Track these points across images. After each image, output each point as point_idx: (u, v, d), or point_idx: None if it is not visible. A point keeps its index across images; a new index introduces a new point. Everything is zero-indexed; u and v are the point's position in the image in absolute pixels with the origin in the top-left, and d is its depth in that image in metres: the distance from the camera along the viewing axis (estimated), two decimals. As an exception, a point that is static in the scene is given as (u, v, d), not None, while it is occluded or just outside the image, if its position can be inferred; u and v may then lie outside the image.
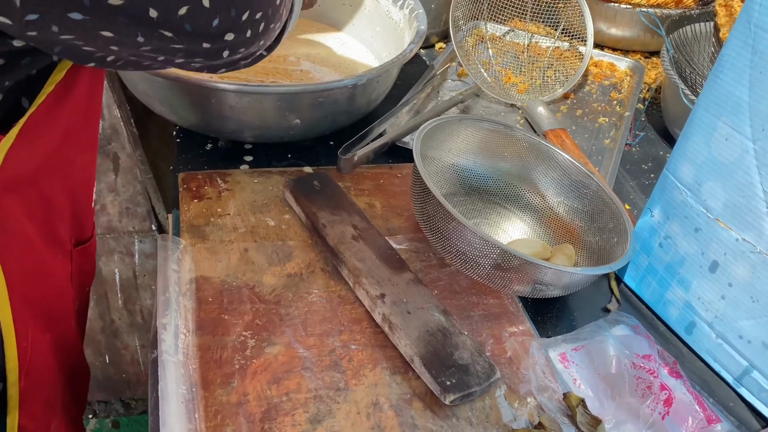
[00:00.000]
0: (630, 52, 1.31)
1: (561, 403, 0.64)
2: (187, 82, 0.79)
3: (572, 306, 0.78)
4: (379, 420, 0.60)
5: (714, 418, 0.64)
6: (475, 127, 0.86)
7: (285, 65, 1.04)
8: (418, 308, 0.68)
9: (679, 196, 0.72)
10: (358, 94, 0.88)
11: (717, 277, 0.69)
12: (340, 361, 0.64)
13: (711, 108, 0.67)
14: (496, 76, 1.16)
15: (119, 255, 1.30)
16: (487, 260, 0.68)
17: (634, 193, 0.95)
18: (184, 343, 0.64)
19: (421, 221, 0.75)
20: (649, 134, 1.09)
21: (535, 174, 0.88)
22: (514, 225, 0.86)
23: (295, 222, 0.80)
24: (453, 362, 0.63)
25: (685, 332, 0.74)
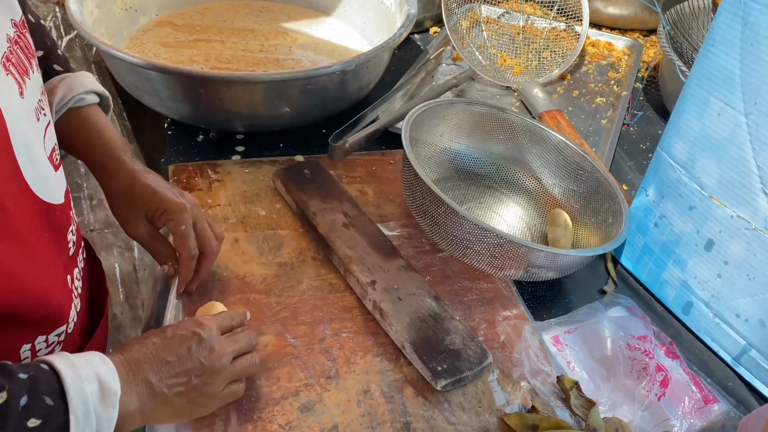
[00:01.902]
0: (628, 30, 1.29)
1: (555, 387, 0.63)
2: (174, 73, 0.79)
3: (568, 288, 0.77)
4: (370, 407, 0.59)
5: (711, 398, 0.63)
6: (467, 110, 0.85)
7: (276, 54, 1.03)
8: (409, 294, 0.67)
9: (673, 174, 0.70)
10: (348, 80, 0.87)
11: (713, 255, 0.68)
12: (331, 349, 0.64)
13: (703, 83, 0.65)
14: (491, 59, 1.15)
15: (118, 249, 1.30)
16: (479, 245, 0.67)
17: (632, 174, 0.94)
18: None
19: (412, 207, 0.74)
20: (648, 113, 1.08)
21: (529, 156, 0.87)
22: (508, 208, 0.85)
23: (286, 211, 0.79)
24: (444, 347, 0.63)
25: (682, 312, 0.73)
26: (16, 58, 0.48)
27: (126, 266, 1.34)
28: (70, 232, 0.56)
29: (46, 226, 0.51)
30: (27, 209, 0.48)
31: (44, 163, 0.51)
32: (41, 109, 0.51)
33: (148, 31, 1.05)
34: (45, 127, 0.52)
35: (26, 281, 0.47)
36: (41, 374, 0.44)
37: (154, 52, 0.99)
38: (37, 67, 0.52)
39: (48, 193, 0.51)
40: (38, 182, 0.49)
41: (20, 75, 0.48)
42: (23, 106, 0.48)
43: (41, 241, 0.50)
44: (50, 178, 0.52)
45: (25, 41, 0.51)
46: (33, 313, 0.49)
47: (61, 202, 0.54)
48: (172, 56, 0.99)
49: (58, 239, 0.54)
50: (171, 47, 1.01)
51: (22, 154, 0.47)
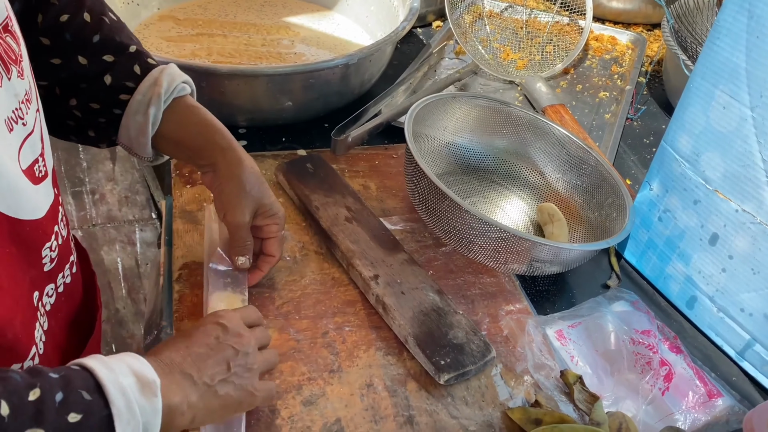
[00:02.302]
0: (632, 24, 1.28)
1: (558, 381, 0.63)
2: (176, 65, 0.78)
3: (572, 283, 0.76)
4: (373, 401, 0.59)
5: (715, 392, 0.63)
6: (470, 104, 0.85)
7: (279, 48, 1.03)
8: (412, 288, 0.67)
9: (678, 168, 0.70)
10: (351, 73, 0.86)
11: (717, 249, 0.68)
12: (334, 343, 0.64)
13: (708, 76, 0.65)
14: (494, 53, 1.14)
15: (121, 244, 1.30)
16: (483, 239, 0.67)
17: (636, 168, 0.94)
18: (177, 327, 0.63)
19: (415, 201, 0.74)
20: (651, 108, 1.07)
21: (532, 151, 0.86)
22: (511, 203, 0.85)
23: (289, 205, 0.79)
24: (447, 342, 0.62)
25: (686, 307, 0.73)
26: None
27: (128, 261, 1.34)
28: (47, 248, 0.53)
29: (10, 241, 0.48)
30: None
31: (14, 178, 0.47)
32: (18, 119, 0.48)
33: (150, 25, 1.04)
34: (22, 139, 0.48)
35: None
36: (73, 372, 0.43)
37: (156, 46, 0.99)
38: (20, 73, 0.49)
39: (17, 208, 0.48)
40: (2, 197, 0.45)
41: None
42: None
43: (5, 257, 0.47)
44: (24, 192, 0.48)
45: (6, 46, 0.47)
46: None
47: (39, 216, 0.51)
48: (175, 50, 0.98)
49: (28, 255, 0.51)
50: (173, 41, 1.01)
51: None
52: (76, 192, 1.22)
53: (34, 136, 0.50)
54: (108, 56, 0.61)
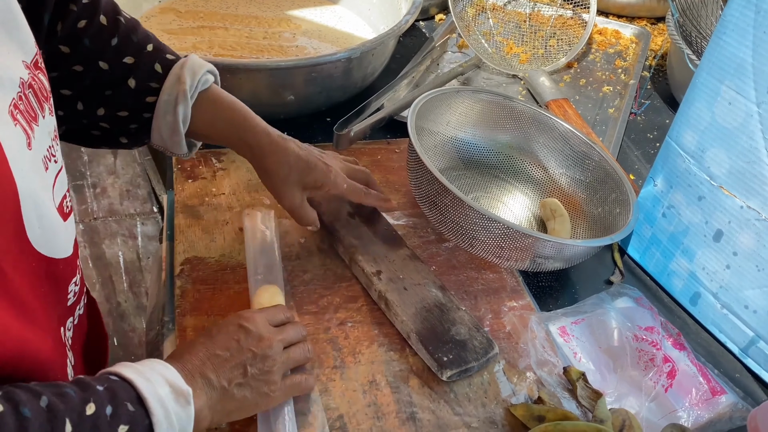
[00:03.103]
0: (636, 18, 1.27)
1: (561, 378, 0.63)
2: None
3: (575, 279, 0.76)
4: (375, 397, 0.59)
5: (719, 389, 0.63)
6: (473, 98, 0.84)
7: (280, 41, 1.02)
8: (415, 284, 0.67)
9: (682, 163, 0.70)
10: (353, 67, 0.86)
11: (721, 246, 0.67)
12: (336, 339, 0.64)
13: (714, 71, 0.64)
14: (497, 46, 1.14)
15: (122, 238, 1.30)
16: (486, 235, 0.67)
17: (639, 163, 0.93)
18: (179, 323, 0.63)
19: (418, 197, 0.73)
20: (655, 102, 1.07)
21: (536, 145, 0.86)
22: (514, 198, 0.85)
23: (291, 200, 0.79)
24: (450, 338, 0.62)
25: (689, 303, 0.72)
26: (25, 105, 0.44)
27: (130, 254, 1.34)
28: (72, 283, 0.53)
29: (45, 281, 0.48)
30: (27, 269, 0.45)
31: (53, 218, 0.47)
32: (51, 156, 0.48)
33: (152, 18, 1.04)
34: (55, 176, 0.48)
35: (27, 345, 0.44)
36: (116, 384, 0.45)
37: (158, 39, 0.98)
38: (50, 110, 0.48)
39: (54, 248, 0.48)
40: (43, 239, 0.46)
41: (28, 123, 0.44)
42: (31, 158, 0.44)
43: (39, 298, 0.47)
44: (58, 231, 0.48)
45: (39, 83, 0.47)
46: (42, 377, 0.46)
47: (68, 254, 0.51)
48: (176, 43, 0.98)
49: (58, 292, 0.51)
50: (174, 34, 1.00)
51: (30, 211, 0.43)
52: (77, 186, 1.22)
53: (63, 171, 0.51)
54: (128, 58, 0.61)
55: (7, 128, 0.41)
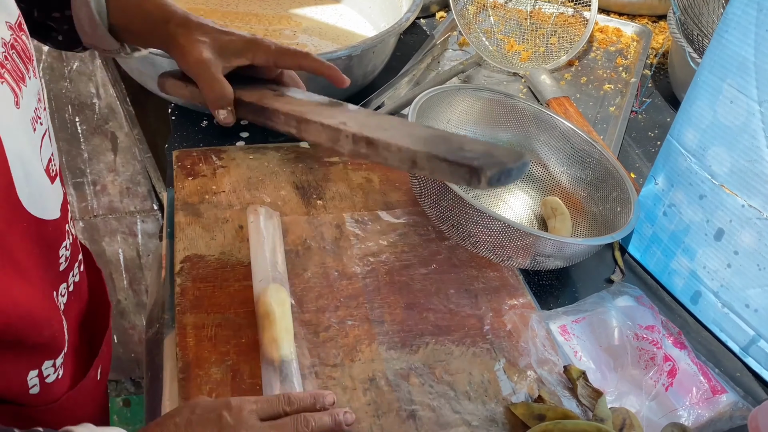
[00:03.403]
0: (637, 16, 1.27)
1: (561, 376, 0.62)
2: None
3: (575, 277, 0.76)
4: (375, 395, 0.59)
5: (719, 388, 0.63)
6: (474, 96, 0.84)
7: (281, 39, 1.02)
8: (395, 125, 0.54)
9: (684, 162, 0.69)
10: (354, 65, 0.86)
11: (723, 245, 0.67)
12: (336, 337, 0.64)
13: (716, 70, 0.64)
14: (498, 44, 1.13)
15: (122, 235, 1.30)
16: (486, 233, 0.67)
17: (640, 161, 0.93)
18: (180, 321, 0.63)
19: (418, 194, 0.73)
20: (656, 101, 1.06)
21: (536, 144, 0.86)
22: (515, 196, 0.85)
23: (291, 198, 0.78)
24: (468, 150, 0.47)
25: (690, 302, 0.72)
26: (11, 64, 0.45)
27: (129, 252, 1.34)
28: (63, 247, 0.53)
29: (37, 242, 0.48)
30: (18, 228, 0.45)
31: (41, 177, 0.48)
32: (37, 118, 0.48)
33: (152, 15, 1.03)
34: (41, 137, 0.49)
35: (21, 301, 0.45)
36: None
37: (158, 37, 0.98)
38: (34, 72, 0.49)
39: (42, 209, 0.48)
40: (32, 199, 0.46)
41: (15, 82, 0.45)
42: (19, 116, 0.45)
43: (32, 259, 0.48)
44: (46, 192, 0.49)
45: (23, 44, 0.48)
46: (36, 336, 0.47)
47: (56, 216, 0.51)
48: (176, 40, 0.97)
49: (49, 255, 0.51)
50: (174, 31, 1.00)
51: (18, 169, 0.44)
52: (77, 183, 1.22)
53: (48, 133, 0.51)
54: None
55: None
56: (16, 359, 0.48)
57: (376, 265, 0.71)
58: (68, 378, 0.56)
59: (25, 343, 0.47)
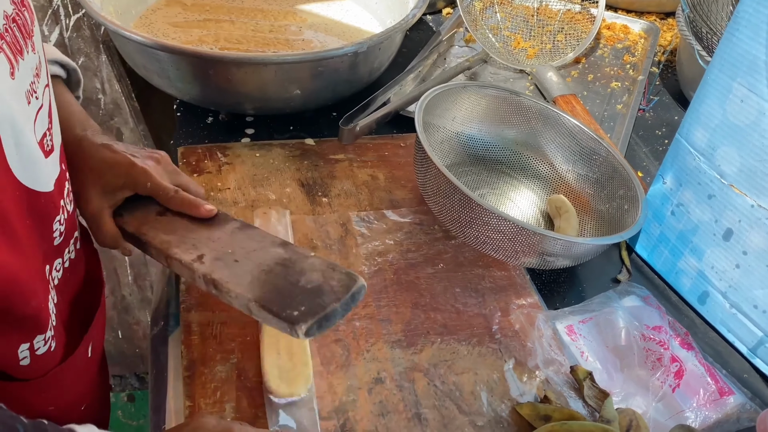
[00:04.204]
0: (645, 13, 1.26)
1: (568, 377, 0.62)
2: (183, 53, 0.78)
3: (582, 277, 0.76)
4: (381, 395, 0.59)
5: (726, 390, 0.63)
6: (480, 93, 0.83)
7: (286, 35, 1.02)
8: (249, 252, 0.57)
9: (692, 161, 0.69)
10: (360, 62, 0.85)
11: (731, 245, 0.67)
12: (343, 337, 0.63)
13: (726, 68, 0.63)
14: (504, 41, 1.13)
15: (127, 231, 1.30)
16: (493, 232, 0.66)
17: (647, 160, 0.92)
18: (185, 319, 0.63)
19: (424, 193, 0.73)
20: (664, 99, 1.06)
21: (543, 141, 0.85)
22: (521, 194, 0.84)
23: (297, 196, 0.78)
24: (300, 290, 0.53)
25: (698, 302, 0.72)
26: (11, 37, 0.46)
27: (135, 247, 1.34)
28: (57, 221, 0.54)
29: (29, 212, 0.49)
30: (10, 196, 0.46)
31: (32, 148, 0.48)
32: (33, 92, 0.49)
33: (157, 11, 1.03)
34: (36, 111, 0.49)
35: (13, 271, 0.45)
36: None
37: (163, 32, 0.98)
38: (33, 47, 0.50)
39: (34, 179, 0.49)
40: (22, 167, 0.47)
41: (13, 54, 0.46)
42: (13, 86, 0.45)
43: (24, 229, 0.48)
44: (38, 164, 0.49)
45: (24, 20, 0.49)
46: (24, 305, 0.47)
47: (50, 189, 0.51)
48: (181, 36, 0.97)
49: (42, 228, 0.52)
50: (180, 27, 1.00)
51: (8, 136, 0.44)
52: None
53: (44, 110, 0.51)
54: None
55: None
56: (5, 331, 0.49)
57: (382, 264, 0.71)
58: (59, 352, 0.57)
59: (13, 314, 0.48)
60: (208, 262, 0.56)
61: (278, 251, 0.57)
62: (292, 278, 0.54)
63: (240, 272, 0.55)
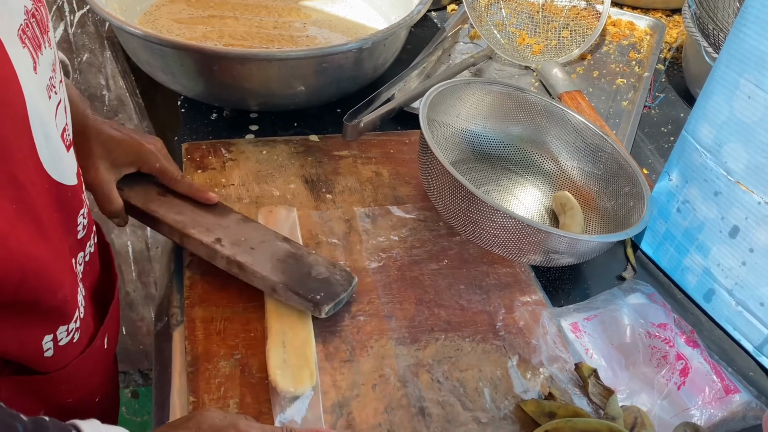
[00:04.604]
0: (651, 10, 1.25)
1: (572, 374, 0.62)
2: (188, 49, 0.77)
3: (586, 274, 0.75)
4: (385, 391, 0.59)
5: (732, 388, 0.62)
6: (485, 90, 0.83)
7: (291, 31, 1.01)
8: (260, 242, 0.66)
9: (699, 158, 0.68)
10: (364, 58, 0.85)
11: (737, 242, 0.66)
12: (348, 332, 0.63)
13: (733, 64, 0.63)
14: (509, 37, 1.12)
15: (131, 228, 1.30)
16: (497, 229, 0.66)
17: (653, 157, 0.92)
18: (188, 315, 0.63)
19: (428, 190, 0.73)
20: (670, 96, 1.05)
21: (548, 138, 0.85)
22: (526, 191, 0.84)
23: (300, 192, 0.78)
24: (314, 279, 0.63)
25: (703, 300, 0.72)
26: (31, 32, 0.47)
27: (138, 244, 1.34)
28: (80, 215, 0.55)
29: (57, 206, 0.50)
30: (41, 188, 0.47)
31: (57, 142, 0.49)
32: (52, 86, 0.50)
33: (162, 7, 1.03)
34: (56, 106, 0.50)
35: (42, 263, 0.46)
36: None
37: (168, 28, 0.98)
38: (49, 42, 0.51)
39: (61, 173, 0.50)
40: (52, 161, 0.48)
41: (34, 49, 0.47)
42: (37, 81, 0.46)
43: (53, 222, 0.49)
44: (63, 157, 0.51)
45: (41, 15, 0.49)
46: (51, 298, 0.48)
47: (74, 183, 0.53)
48: (186, 32, 0.97)
49: (68, 221, 0.53)
50: (184, 23, 1.00)
51: (38, 131, 0.45)
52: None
53: (62, 104, 0.52)
54: None
55: (17, 48, 0.43)
56: (32, 323, 0.50)
57: (386, 260, 0.71)
58: (81, 343, 0.58)
59: (40, 306, 0.48)
60: (228, 245, 0.64)
61: (285, 245, 0.66)
62: (304, 269, 0.64)
63: (259, 259, 0.63)
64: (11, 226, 0.42)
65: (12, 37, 0.43)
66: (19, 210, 0.43)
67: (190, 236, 0.65)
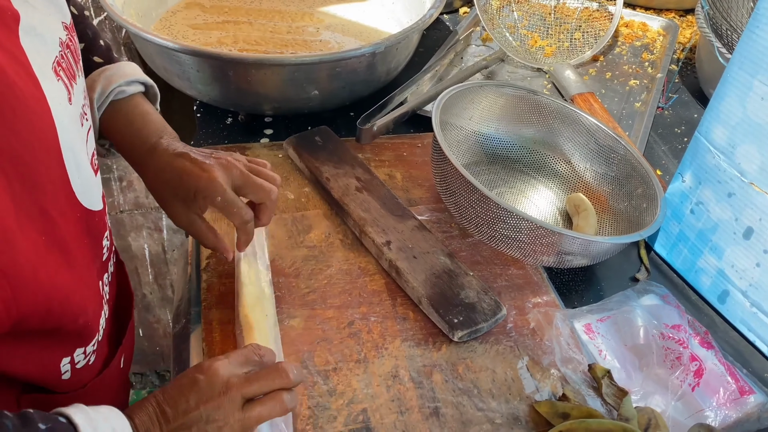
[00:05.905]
0: (663, 10, 1.25)
1: (586, 375, 0.62)
2: (204, 55, 0.79)
3: (600, 275, 0.75)
4: (398, 392, 0.59)
5: (747, 389, 0.62)
6: (498, 92, 0.84)
7: (304, 36, 1.03)
8: (424, 253, 0.70)
9: (712, 159, 0.68)
10: (377, 62, 0.86)
11: (752, 243, 0.66)
12: (360, 333, 0.64)
13: (746, 66, 0.63)
14: (521, 39, 1.12)
15: (148, 230, 1.31)
16: (510, 231, 0.66)
17: (666, 158, 0.92)
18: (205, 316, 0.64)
19: (441, 192, 0.73)
20: (683, 96, 1.05)
21: (560, 140, 0.85)
22: (539, 193, 0.84)
23: (315, 194, 0.79)
24: (459, 301, 0.65)
25: (718, 301, 0.71)
26: (66, 63, 0.47)
27: (155, 247, 1.35)
28: (105, 237, 0.56)
29: (86, 233, 0.50)
30: (71, 218, 0.47)
31: (87, 169, 0.50)
32: (84, 114, 0.51)
33: (177, 13, 1.04)
34: (87, 132, 0.51)
35: (68, 291, 0.46)
36: (60, 427, 0.43)
37: (183, 34, 0.99)
38: (81, 70, 0.52)
39: (90, 199, 0.50)
40: (83, 189, 0.48)
41: (69, 80, 0.47)
42: (71, 112, 0.47)
43: (81, 249, 0.49)
44: (92, 184, 0.51)
45: (74, 44, 0.50)
46: (72, 323, 0.48)
47: (100, 208, 0.53)
48: (201, 38, 0.98)
49: (95, 246, 0.53)
50: (199, 29, 1.01)
51: (70, 161, 0.46)
52: (104, 179, 1.24)
53: (91, 129, 0.53)
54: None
55: (51, 83, 0.44)
56: (51, 347, 0.50)
57: (399, 262, 0.71)
58: (98, 364, 0.58)
59: (61, 330, 0.49)
60: (394, 249, 0.70)
61: (446, 260, 0.69)
62: (455, 289, 0.66)
63: (417, 268, 0.68)
64: (41, 259, 0.42)
65: (47, 71, 0.44)
66: (48, 241, 0.43)
67: (366, 234, 0.71)
